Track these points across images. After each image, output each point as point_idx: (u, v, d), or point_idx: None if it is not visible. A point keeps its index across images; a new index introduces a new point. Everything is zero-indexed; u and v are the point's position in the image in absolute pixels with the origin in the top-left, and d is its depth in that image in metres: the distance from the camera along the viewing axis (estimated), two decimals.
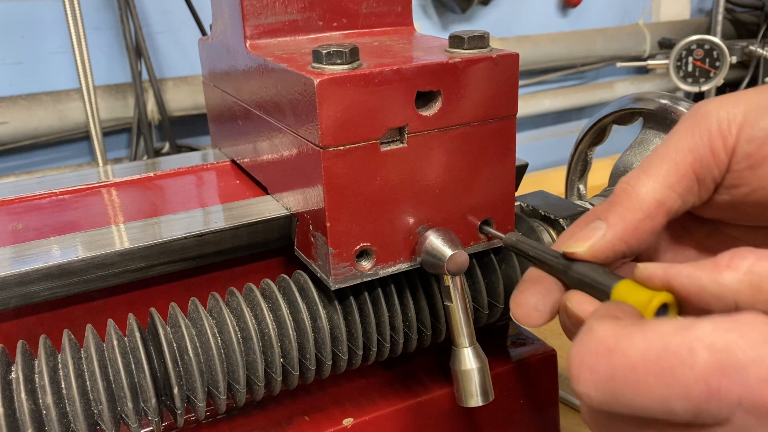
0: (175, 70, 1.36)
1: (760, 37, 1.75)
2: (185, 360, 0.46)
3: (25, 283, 0.46)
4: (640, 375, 0.28)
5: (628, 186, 0.36)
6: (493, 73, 0.46)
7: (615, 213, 0.36)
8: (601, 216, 0.37)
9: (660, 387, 0.27)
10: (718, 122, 0.35)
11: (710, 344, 0.26)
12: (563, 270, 0.37)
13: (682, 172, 0.35)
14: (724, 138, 0.35)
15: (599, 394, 0.29)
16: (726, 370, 0.26)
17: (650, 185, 0.36)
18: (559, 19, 1.83)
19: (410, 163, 0.45)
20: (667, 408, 0.27)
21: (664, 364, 0.27)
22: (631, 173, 0.37)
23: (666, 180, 0.35)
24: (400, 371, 0.60)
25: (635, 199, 0.36)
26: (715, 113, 0.35)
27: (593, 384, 0.29)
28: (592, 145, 0.72)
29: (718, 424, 0.27)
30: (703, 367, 0.26)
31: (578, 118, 1.93)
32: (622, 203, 0.36)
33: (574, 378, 0.30)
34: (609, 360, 0.29)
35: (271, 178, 0.56)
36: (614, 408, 0.29)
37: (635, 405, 0.28)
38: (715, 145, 0.35)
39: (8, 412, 0.41)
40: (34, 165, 1.30)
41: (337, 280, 0.46)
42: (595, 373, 0.29)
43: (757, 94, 0.35)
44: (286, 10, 0.54)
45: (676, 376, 0.27)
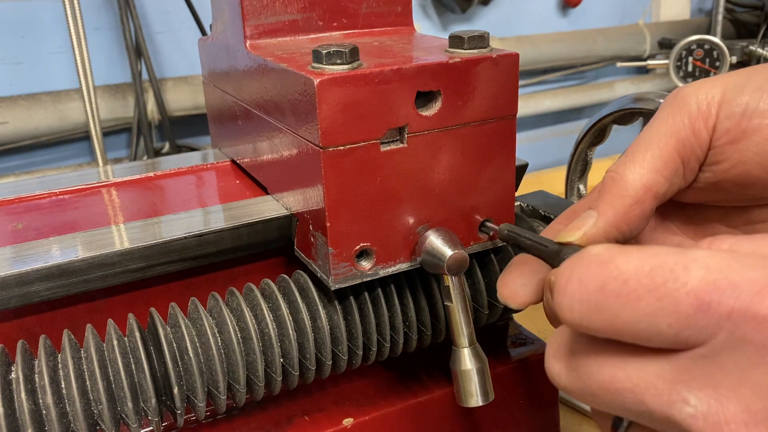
0: (175, 70, 1.36)
1: (760, 37, 1.75)
2: (185, 360, 0.46)
3: (25, 283, 0.46)
4: (631, 287, 0.28)
5: (616, 174, 0.37)
6: (493, 73, 0.46)
7: (605, 201, 0.37)
8: (591, 205, 0.38)
9: (650, 300, 0.27)
10: (697, 104, 0.36)
11: (706, 264, 0.27)
12: (556, 255, 0.38)
13: (667, 156, 0.36)
14: (704, 118, 0.36)
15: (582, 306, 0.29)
16: (719, 285, 0.26)
17: (637, 171, 0.36)
18: (559, 19, 1.83)
19: (410, 163, 0.45)
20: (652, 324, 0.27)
21: (657, 278, 0.27)
22: (617, 162, 0.38)
23: (652, 165, 0.36)
24: (400, 371, 0.60)
25: (623, 186, 0.37)
26: (694, 95, 0.36)
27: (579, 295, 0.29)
28: (592, 145, 0.72)
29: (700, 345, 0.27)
30: (696, 282, 0.27)
31: (578, 118, 1.93)
32: (610, 191, 0.37)
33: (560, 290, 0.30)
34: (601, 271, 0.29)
35: (271, 178, 0.56)
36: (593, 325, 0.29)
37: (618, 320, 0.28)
38: (697, 126, 0.36)
39: (8, 412, 0.41)
40: (34, 165, 1.30)
41: (337, 280, 0.46)
42: (583, 284, 0.29)
43: (732, 76, 0.37)
44: (286, 10, 0.54)
45: (668, 289, 0.27)
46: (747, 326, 0.26)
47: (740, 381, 0.26)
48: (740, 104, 0.36)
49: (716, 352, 0.27)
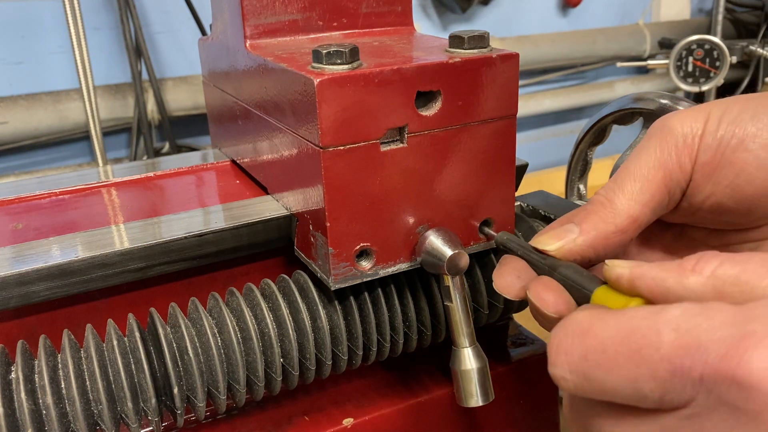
0: (175, 70, 1.36)
1: (760, 37, 1.75)
2: (185, 360, 0.46)
3: (25, 283, 0.46)
4: (609, 355, 0.29)
5: (605, 199, 0.38)
6: (493, 73, 0.46)
7: (590, 221, 0.38)
8: (575, 220, 0.39)
9: (628, 367, 0.28)
10: (683, 136, 0.37)
11: (676, 326, 0.28)
12: (549, 271, 0.39)
13: (655, 188, 0.37)
14: (689, 151, 0.37)
15: (573, 376, 0.30)
16: (689, 349, 0.27)
17: (625, 202, 0.37)
18: (559, 19, 1.83)
19: (410, 163, 0.45)
20: (636, 388, 0.28)
21: (632, 345, 0.28)
22: (607, 187, 0.39)
23: (640, 197, 0.37)
24: (400, 371, 0.60)
25: (610, 212, 0.38)
26: (679, 127, 0.37)
27: (567, 366, 0.30)
28: (592, 145, 0.72)
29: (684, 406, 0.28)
30: (668, 348, 0.27)
31: (578, 118, 1.93)
32: (597, 213, 0.38)
33: (551, 362, 0.32)
34: (582, 341, 0.30)
35: (271, 178, 0.56)
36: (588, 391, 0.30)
37: (607, 386, 0.29)
38: (682, 159, 0.37)
39: (8, 412, 0.41)
40: (34, 165, 1.30)
41: (337, 280, 0.46)
42: (569, 355, 0.30)
43: (714, 106, 0.37)
44: (286, 10, 0.54)
45: (643, 355, 0.28)
46: (719, 389, 0.26)
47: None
48: (716, 138, 0.36)
49: (697, 414, 0.27)
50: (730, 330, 0.26)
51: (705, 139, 0.37)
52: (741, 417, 0.26)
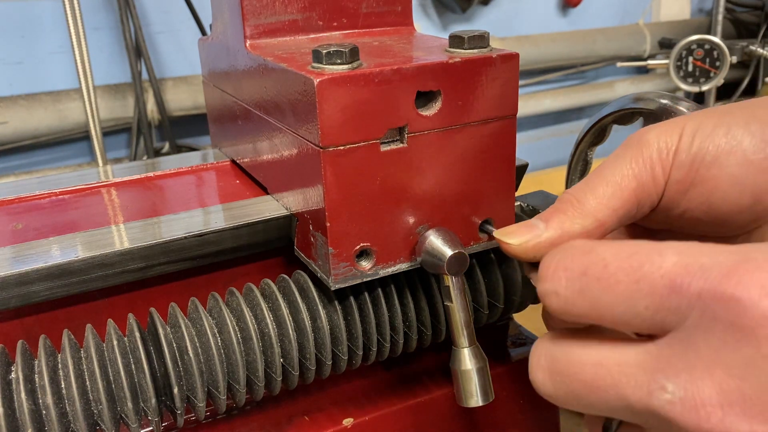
0: (175, 70, 1.36)
1: (761, 37, 1.75)
2: (185, 360, 0.46)
3: (25, 283, 0.46)
4: (610, 271, 0.30)
5: (575, 199, 0.38)
6: (493, 73, 0.46)
7: (557, 219, 0.38)
8: (542, 217, 0.39)
9: (628, 283, 0.29)
10: (659, 150, 0.37)
11: (679, 250, 0.29)
12: None
13: (626, 197, 0.37)
14: (663, 165, 0.37)
15: (567, 291, 0.31)
16: (691, 269, 0.28)
17: (594, 205, 0.37)
18: (559, 19, 1.83)
19: (410, 163, 0.45)
20: (631, 305, 0.29)
21: (634, 263, 0.30)
22: (577, 187, 0.39)
23: (610, 202, 0.37)
24: (400, 371, 0.60)
25: (579, 213, 0.37)
26: (655, 141, 0.37)
27: (565, 280, 0.31)
28: (592, 145, 0.72)
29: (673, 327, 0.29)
30: (670, 266, 0.29)
31: (578, 118, 1.93)
32: (566, 212, 0.38)
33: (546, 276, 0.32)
34: (584, 258, 0.31)
35: (271, 178, 0.56)
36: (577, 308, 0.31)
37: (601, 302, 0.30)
38: (656, 172, 0.37)
39: (8, 412, 0.41)
40: (34, 165, 1.30)
41: (337, 280, 0.46)
42: (567, 271, 0.31)
43: (690, 120, 0.37)
44: (286, 10, 0.54)
45: (644, 272, 0.29)
46: (716, 306, 0.27)
47: (713, 362, 0.27)
48: (690, 154, 0.36)
49: (690, 334, 0.28)
50: (732, 256, 0.28)
51: (679, 155, 0.37)
52: (735, 333, 0.27)
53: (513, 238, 0.38)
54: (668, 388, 0.28)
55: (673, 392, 0.28)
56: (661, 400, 0.28)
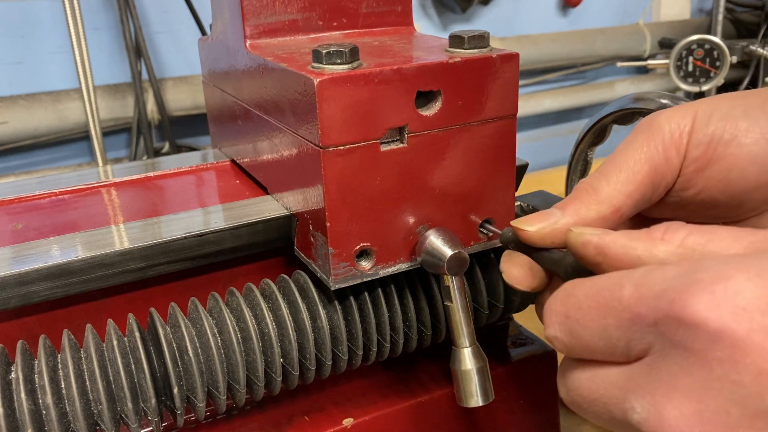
0: (175, 70, 1.36)
1: (761, 37, 1.75)
2: (185, 360, 0.46)
3: (25, 283, 0.46)
4: (584, 309, 0.32)
5: (589, 187, 0.39)
6: (494, 73, 0.46)
7: (572, 206, 0.39)
8: (558, 206, 0.39)
9: (598, 318, 0.31)
10: (671, 132, 0.38)
11: (635, 280, 0.30)
12: (556, 263, 0.39)
13: (640, 181, 0.38)
14: (676, 146, 0.38)
15: (562, 335, 0.33)
16: (644, 299, 0.29)
17: (609, 191, 0.38)
18: (559, 18, 1.83)
19: (410, 163, 0.45)
20: (606, 338, 0.31)
21: (600, 299, 0.31)
22: (592, 176, 0.39)
23: (624, 188, 0.38)
24: (400, 371, 0.60)
25: (594, 199, 0.38)
26: (667, 124, 0.38)
27: (558, 325, 0.33)
28: (592, 145, 0.72)
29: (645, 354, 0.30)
30: (627, 298, 0.30)
31: (578, 118, 1.92)
32: (581, 199, 0.39)
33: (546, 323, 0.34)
34: (565, 302, 0.33)
35: (271, 178, 0.55)
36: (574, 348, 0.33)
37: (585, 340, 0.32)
38: (669, 153, 0.38)
39: (8, 412, 0.41)
40: (34, 165, 1.29)
41: (337, 280, 0.46)
42: (557, 316, 0.33)
43: (702, 104, 0.38)
44: (286, 9, 0.54)
45: (609, 307, 0.31)
46: (669, 333, 0.28)
47: (673, 387, 0.28)
48: (707, 133, 0.37)
49: (655, 360, 0.29)
50: (680, 279, 0.28)
51: (695, 135, 0.37)
52: (689, 357, 0.27)
53: (530, 225, 0.39)
54: (636, 408, 0.30)
55: (640, 412, 0.29)
56: (632, 419, 0.30)
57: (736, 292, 0.27)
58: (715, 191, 0.38)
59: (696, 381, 0.27)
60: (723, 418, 0.27)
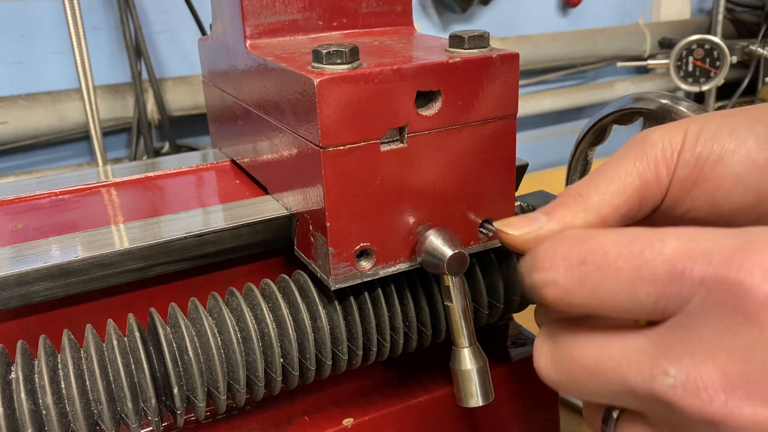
0: (175, 70, 1.36)
1: (761, 37, 1.75)
2: (185, 360, 0.46)
3: (25, 283, 0.46)
4: (610, 258, 0.30)
5: (577, 194, 0.38)
6: (494, 73, 0.46)
7: (558, 213, 0.38)
8: (543, 211, 0.38)
9: (628, 269, 0.29)
10: (663, 150, 0.37)
11: (680, 235, 0.29)
12: None
13: (629, 195, 0.37)
14: (667, 165, 0.37)
15: (567, 280, 0.31)
16: (693, 254, 0.28)
17: (597, 201, 0.37)
18: (559, 18, 1.83)
19: (410, 163, 0.45)
20: (632, 292, 0.29)
21: (634, 249, 0.29)
22: (580, 184, 0.38)
23: (613, 199, 0.37)
24: (400, 371, 0.60)
25: (581, 208, 0.37)
26: (660, 141, 0.37)
27: (563, 269, 0.31)
28: (593, 145, 0.72)
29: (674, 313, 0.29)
30: (671, 251, 0.29)
31: (578, 118, 1.92)
32: (568, 206, 0.38)
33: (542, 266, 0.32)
34: (582, 246, 0.31)
35: (271, 178, 0.55)
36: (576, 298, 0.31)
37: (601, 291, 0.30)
38: (660, 171, 0.37)
39: (8, 412, 0.41)
40: (34, 165, 1.29)
41: (337, 280, 0.46)
42: (566, 259, 0.31)
43: (693, 122, 0.38)
44: (286, 9, 0.54)
45: (645, 258, 0.29)
46: (719, 290, 0.27)
47: (715, 346, 0.27)
48: (694, 153, 0.37)
49: (692, 319, 0.28)
50: (733, 239, 0.28)
51: (683, 154, 0.37)
52: (738, 317, 0.27)
53: (514, 229, 0.38)
54: (670, 372, 0.28)
55: (675, 376, 0.28)
56: (663, 384, 0.28)
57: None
58: (701, 212, 0.38)
59: (743, 341, 0.27)
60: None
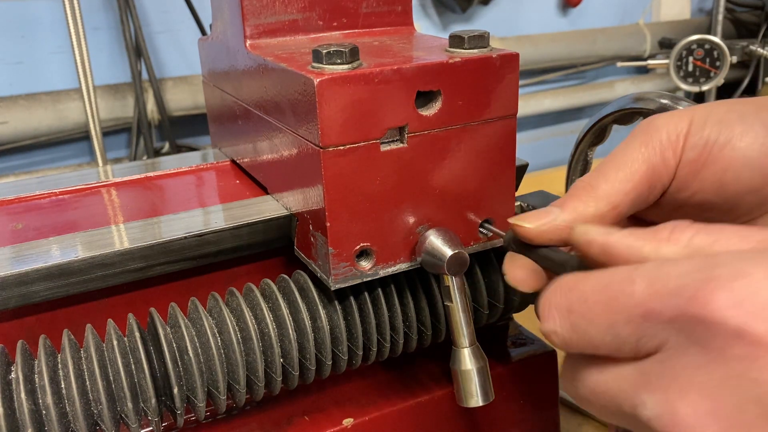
0: (175, 70, 1.36)
1: (761, 37, 1.75)
2: (185, 360, 0.46)
3: (25, 283, 0.46)
4: (589, 304, 0.31)
5: (587, 185, 0.39)
6: (494, 73, 0.46)
7: (570, 204, 0.39)
8: (556, 204, 0.39)
9: (606, 314, 0.31)
10: (668, 134, 0.38)
11: (648, 275, 0.29)
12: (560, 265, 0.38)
13: (638, 180, 0.38)
14: (673, 148, 0.38)
15: (562, 329, 0.33)
16: (659, 294, 0.29)
17: (607, 189, 0.38)
18: (559, 18, 1.83)
19: (410, 163, 0.45)
20: (615, 334, 0.30)
21: (609, 294, 0.31)
22: (590, 175, 0.39)
23: (622, 186, 0.38)
24: (400, 371, 0.60)
25: (592, 196, 0.38)
26: (665, 127, 0.38)
27: (558, 319, 0.33)
28: (593, 145, 0.72)
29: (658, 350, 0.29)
30: (640, 294, 0.29)
31: (578, 118, 1.92)
32: (579, 196, 0.39)
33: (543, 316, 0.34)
34: (567, 296, 0.32)
35: (271, 178, 0.55)
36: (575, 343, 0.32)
37: (590, 335, 0.31)
38: (666, 155, 0.38)
39: (8, 412, 0.41)
40: (34, 165, 1.29)
41: (337, 280, 0.46)
42: (557, 310, 0.33)
43: (698, 109, 0.39)
44: (286, 9, 0.54)
45: (619, 302, 0.30)
46: (687, 330, 0.28)
47: (687, 383, 0.28)
48: (703, 136, 0.38)
49: (669, 356, 0.29)
50: (698, 275, 0.28)
51: (691, 137, 0.38)
52: (708, 353, 0.27)
53: (529, 222, 0.39)
54: (647, 404, 0.29)
55: (651, 409, 0.29)
56: (642, 415, 0.29)
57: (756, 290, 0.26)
58: (709, 193, 0.38)
59: (713, 378, 0.27)
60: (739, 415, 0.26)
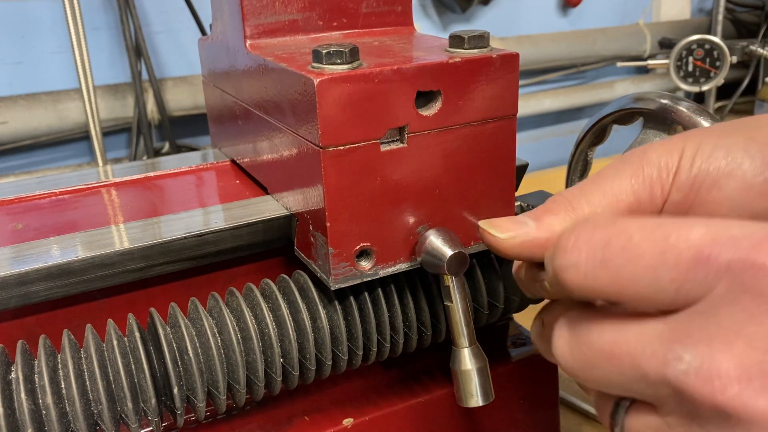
0: (175, 70, 1.36)
1: (761, 37, 1.75)
2: (185, 360, 0.46)
3: (25, 283, 0.46)
4: (635, 242, 0.29)
5: (569, 204, 0.37)
6: (494, 73, 0.46)
7: (547, 220, 0.37)
8: (532, 216, 0.37)
9: (653, 254, 0.29)
10: (659, 169, 0.36)
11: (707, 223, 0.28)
12: None
13: (620, 210, 0.36)
14: (662, 185, 0.36)
15: (588, 263, 0.30)
16: (719, 239, 0.28)
17: (588, 212, 0.36)
18: (559, 18, 1.83)
19: (410, 163, 0.45)
20: (656, 278, 0.29)
21: (660, 234, 0.29)
22: (571, 192, 0.37)
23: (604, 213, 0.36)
24: (400, 371, 0.60)
25: (571, 218, 0.36)
26: (656, 160, 0.37)
27: (586, 252, 0.30)
28: (593, 145, 0.72)
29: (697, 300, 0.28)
30: (698, 237, 0.28)
31: (578, 118, 1.92)
32: (557, 214, 0.37)
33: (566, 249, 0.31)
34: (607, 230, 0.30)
35: (271, 178, 0.55)
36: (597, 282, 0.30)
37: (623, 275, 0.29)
38: (654, 191, 0.36)
39: (8, 412, 0.41)
40: (34, 165, 1.29)
41: (337, 280, 0.46)
42: (590, 242, 0.30)
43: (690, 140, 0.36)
44: (286, 9, 0.54)
45: (671, 243, 0.28)
46: (745, 276, 0.27)
47: (735, 334, 0.27)
48: (690, 176, 0.36)
49: (714, 306, 0.27)
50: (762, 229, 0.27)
51: (679, 176, 0.36)
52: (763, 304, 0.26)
53: (500, 232, 0.37)
54: (684, 358, 0.27)
55: (689, 362, 0.27)
56: (675, 370, 0.28)
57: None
58: None
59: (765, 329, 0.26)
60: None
